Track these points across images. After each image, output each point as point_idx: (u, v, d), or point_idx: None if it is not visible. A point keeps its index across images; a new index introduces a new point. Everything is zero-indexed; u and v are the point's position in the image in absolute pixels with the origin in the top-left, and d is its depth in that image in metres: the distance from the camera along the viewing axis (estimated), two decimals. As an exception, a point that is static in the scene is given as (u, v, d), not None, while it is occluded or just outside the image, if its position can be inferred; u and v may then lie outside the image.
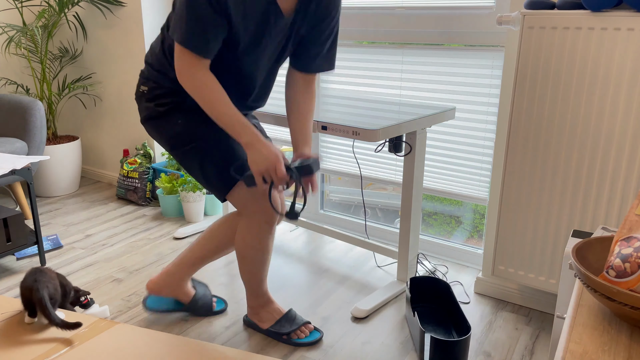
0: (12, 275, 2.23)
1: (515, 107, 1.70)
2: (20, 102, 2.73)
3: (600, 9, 1.50)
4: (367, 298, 2.00)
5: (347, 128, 1.74)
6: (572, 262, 0.85)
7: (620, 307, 0.78)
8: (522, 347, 1.77)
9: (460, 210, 2.41)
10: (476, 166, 2.20)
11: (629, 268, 0.81)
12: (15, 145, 2.59)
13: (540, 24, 1.60)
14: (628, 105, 1.53)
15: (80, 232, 2.67)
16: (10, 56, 3.25)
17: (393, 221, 2.61)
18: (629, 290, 0.76)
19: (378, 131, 1.68)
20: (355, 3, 2.33)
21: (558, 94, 1.62)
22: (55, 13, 3.03)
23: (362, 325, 1.89)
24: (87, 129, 3.44)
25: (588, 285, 0.81)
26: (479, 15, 2.05)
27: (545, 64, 1.62)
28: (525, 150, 1.72)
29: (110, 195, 3.20)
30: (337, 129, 1.77)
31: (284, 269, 2.30)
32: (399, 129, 1.77)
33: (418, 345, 1.68)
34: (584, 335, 0.79)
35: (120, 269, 2.29)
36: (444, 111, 1.96)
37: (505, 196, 1.79)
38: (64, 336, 1.59)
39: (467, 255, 2.33)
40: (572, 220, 1.69)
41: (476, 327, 1.88)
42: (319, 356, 1.72)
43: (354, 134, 1.72)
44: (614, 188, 1.60)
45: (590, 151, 1.61)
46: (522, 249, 1.80)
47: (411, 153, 1.95)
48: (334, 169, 2.64)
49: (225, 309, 1.97)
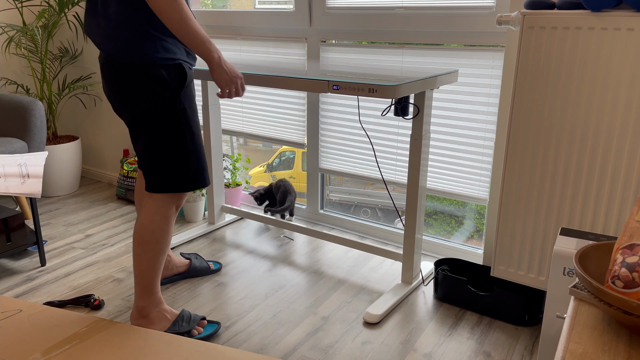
0: (12, 275, 2.23)
1: (515, 107, 1.70)
2: (20, 102, 2.73)
3: (600, 9, 1.50)
4: (378, 302, 2.00)
5: (362, 86, 1.65)
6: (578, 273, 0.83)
7: (637, 320, 0.76)
8: (522, 347, 1.77)
9: (461, 210, 2.41)
10: (476, 166, 2.20)
11: (637, 278, 0.78)
12: (15, 145, 2.59)
13: (540, 24, 1.60)
14: (628, 105, 1.53)
15: (80, 232, 2.67)
16: (10, 56, 3.25)
17: (393, 221, 2.61)
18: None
19: (397, 87, 1.60)
20: (355, 3, 2.33)
21: (558, 94, 1.62)
22: (55, 13, 3.03)
23: (362, 325, 1.89)
24: (87, 129, 3.44)
25: (597, 297, 0.79)
26: (479, 15, 2.05)
27: (545, 64, 1.62)
28: (525, 150, 1.72)
29: (110, 195, 3.20)
30: (351, 87, 1.68)
31: (283, 269, 2.30)
32: (416, 85, 1.71)
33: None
34: (584, 335, 0.79)
35: (120, 269, 2.29)
36: (448, 73, 1.94)
37: (505, 196, 1.79)
38: (65, 336, 1.59)
39: (467, 255, 2.33)
40: (572, 220, 1.69)
41: (476, 326, 1.88)
42: (319, 356, 1.72)
43: (370, 91, 1.64)
44: (613, 188, 1.60)
45: (590, 151, 1.61)
46: (522, 248, 1.80)
47: (419, 115, 1.91)
48: (334, 169, 2.64)
49: (221, 269, 2.25)
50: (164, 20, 1.48)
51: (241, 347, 1.76)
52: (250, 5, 3.28)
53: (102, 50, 1.59)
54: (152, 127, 1.61)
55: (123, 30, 1.52)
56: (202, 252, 2.44)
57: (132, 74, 1.56)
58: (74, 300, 2.00)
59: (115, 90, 1.61)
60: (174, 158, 1.64)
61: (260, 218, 2.62)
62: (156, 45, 1.55)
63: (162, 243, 1.70)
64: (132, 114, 1.61)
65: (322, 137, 2.62)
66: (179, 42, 1.61)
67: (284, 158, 5.07)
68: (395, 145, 2.38)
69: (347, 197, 2.75)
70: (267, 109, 2.76)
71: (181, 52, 1.62)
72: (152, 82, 1.56)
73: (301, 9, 2.47)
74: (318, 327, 1.87)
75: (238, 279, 2.20)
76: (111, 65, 1.58)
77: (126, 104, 1.61)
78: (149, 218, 1.68)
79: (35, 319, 1.70)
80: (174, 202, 1.71)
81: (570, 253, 1.35)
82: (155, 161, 1.64)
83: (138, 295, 1.75)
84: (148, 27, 1.53)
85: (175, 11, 1.45)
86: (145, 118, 1.60)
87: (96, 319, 1.70)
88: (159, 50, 1.55)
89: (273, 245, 2.52)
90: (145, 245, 1.69)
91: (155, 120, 1.60)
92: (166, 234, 1.70)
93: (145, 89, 1.57)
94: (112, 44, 1.55)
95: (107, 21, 1.55)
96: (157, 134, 1.61)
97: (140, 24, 1.52)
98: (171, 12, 1.45)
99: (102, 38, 1.57)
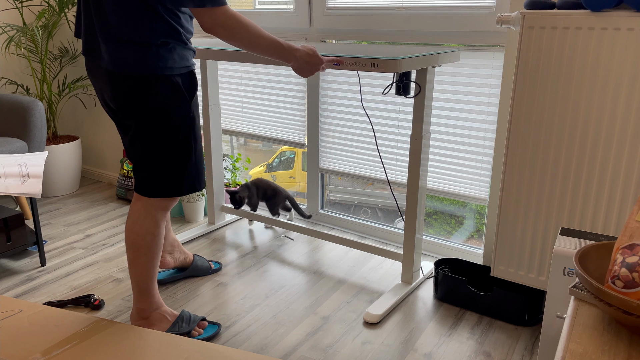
0: (12, 275, 2.23)
1: (515, 107, 1.70)
2: (20, 102, 2.73)
3: (600, 9, 1.50)
4: (378, 302, 2.00)
5: (364, 60, 1.62)
6: (578, 273, 0.83)
7: (637, 320, 0.75)
8: (522, 347, 1.77)
9: (461, 210, 2.41)
10: (476, 166, 2.20)
11: (637, 278, 0.78)
12: (15, 145, 2.59)
13: (540, 24, 1.60)
14: (628, 105, 1.53)
15: (80, 232, 2.67)
16: (10, 56, 3.25)
17: (393, 221, 2.61)
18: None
19: (399, 61, 1.56)
20: (355, 3, 2.33)
21: (558, 94, 1.62)
22: (55, 13, 3.03)
23: (361, 325, 1.89)
24: (87, 129, 3.44)
25: (597, 297, 0.79)
26: (479, 15, 2.05)
27: (545, 64, 1.62)
28: (525, 150, 1.72)
29: (110, 195, 3.20)
30: (352, 62, 1.65)
31: (283, 269, 2.30)
32: (418, 61, 1.68)
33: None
34: (584, 335, 0.79)
35: (120, 269, 2.29)
36: (450, 51, 1.92)
37: (505, 196, 1.79)
38: (65, 336, 1.59)
39: (467, 255, 2.33)
40: (572, 220, 1.69)
41: (476, 326, 1.88)
42: (319, 356, 1.72)
43: (372, 65, 1.61)
44: (613, 188, 1.60)
45: (590, 151, 1.61)
46: (522, 248, 1.80)
47: (420, 94, 1.89)
48: (334, 169, 2.64)
49: (221, 269, 2.27)
50: (236, 46, 1.52)
51: (241, 347, 1.76)
52: (250, 5, 3.28)
53: (109, 67, 1.52)
54: (158, 134, 1.58)
55: (133, 45, 1.48)
56: (202, 252, 2.44)
57: (147, 85, 1.51)
58: (74, 300, 2.00)
59: (123, 100, 1.55)
60: (175, 164, 1.62)
61: (260, 218, 2.62)
62: (173, 55, 1.53)
63: (154, 247, 1.69)
64: (140, 122, 1.57)
65: (322, 137, 2.62)
66: (187, 47, 1.58)
67: (284, 158, 5.07)
68: (396, 145, 2.39)
69: (347, 197, 2.75)
70: (267, 109, 2.76)
71: (191, 55, 1.61)
72: (167, 91, 1.54)
73: (301, 9, 2.47)
74: (318, 327, 1.87)
75: (238, 279, 2.21)
76: (120, 78, 1.52)
77: (134, 114, 1.56)
78: (139, 222, 1.66)
79: (35, 319, 1.70)
80: (165, 205, 1.69)
81: (570, 253, 1.35)
82: (156, 166, 1.61)
83: (136, 298, 1.75)
84: (161, 38, 1.49)
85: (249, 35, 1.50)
86: (153, 126, 1.56)
87: (96, 319, 1.70)
88: (175, 60, 1.53)
89: (273, 245, 2.52)
90: (137, 250, 1.68)
91: (163, 128, 1.57)
92: (157, 238, 1.69)
93: (158, 99, 1.53)
94: (122, 60, 1.49)
95: (109, 38, 1.49)
96: (163, 141, 1.58)
97: (152, 37, 1.48)
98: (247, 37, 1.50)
99: (109, 55, 1.50)
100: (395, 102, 2.32)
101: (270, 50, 1.56)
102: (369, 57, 1.64)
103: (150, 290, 1.74)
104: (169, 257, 2.10)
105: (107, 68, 1.52)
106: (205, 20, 1.46)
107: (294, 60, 1.60)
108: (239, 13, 1.50)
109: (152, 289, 1.74)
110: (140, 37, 1.47)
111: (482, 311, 1.95)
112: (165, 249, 2.08)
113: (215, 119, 2.57)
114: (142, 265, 1.69)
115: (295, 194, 2.77)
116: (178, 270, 2.18)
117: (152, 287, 1.74)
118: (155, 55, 1.49)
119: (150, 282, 1.73)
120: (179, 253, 2.14)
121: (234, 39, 1.50)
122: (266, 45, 1.54)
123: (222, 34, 1.48)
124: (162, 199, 1.66)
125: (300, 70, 1.63)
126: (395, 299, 2.01)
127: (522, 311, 1.86)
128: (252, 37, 1.51)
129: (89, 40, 1.56)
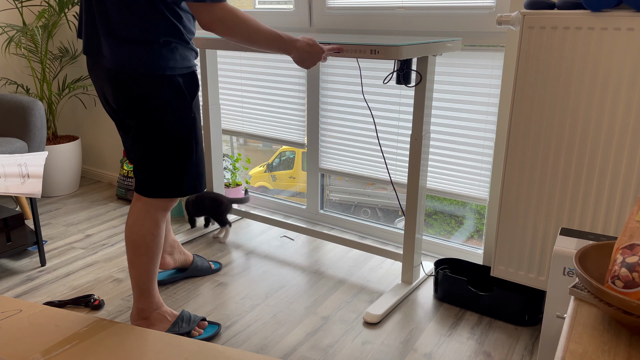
0: (12, 275, 2.23)
1: (515, 107, 1.70)
2: (20, 102, 2.73)
3: (600, 9, 1.50)
4: (378, 302, 2.00)
5: (364, 47, 1.60)
6: (578, 273, 0.83)
7: (637, 320, 0.75)
8: (522, 347, 1.77)
9: (461, 210, 2.41)
10: (476, 166, 2.20)
11: (637, 278, 0.78)
12: (15, 145, 2.59)
13: (540, 24, 1.60)
14: (628, 105, 1.53)
15: (80, 232, 2.67)
16: (10, 56, 3.25)
17: (393, 221, 2.61)
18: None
19: (400, 48, 1.55)
20: (355, 3, 2.33)
21: (558, 94, 1.62)
22: (55, 13, 3.03)
23: (362, 325, 1.89)
24: (87, 129, 3.44)
25: (597, 297, 0.78)
26: (479, 15, 2.05)
27: (545, 64, 1.62)
28: (525, 150, 1.72)
29: (110, 195, 3.20)
30: (353, 49, 1.63)
31: (283, 269, 2.30)
32: (419, 49, 1.68)
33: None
34: (584, 335, 0.79)
35: (120, 269, 2.29)
36: (452, 40, 1.92)
37: (505, 196, 1.79)
38: (65, 336, 1.59)
39: (467, 255, 2.33)
40: (572, 220, 1.69)
41: (476, 326, 1.88)
42: (318, 356, 1.72)
43: (373, 52, 1.61)
44: (613, 188, 1.60)
45: (590, 151, 1.61)
46: (522, 248, 1.80)
47: (421, 83, 1.88)
48: (334, 169, 2.64)
49: (221, 269, 2.26)
50: (236, 41, 1.51)
51: (241, 347, 1.76)
52: (250, 5, 3.28)
53: (110, 65, 1.52)
54: (159, 135, 1.57)
55: (135, 43, 1.47)
56: (202, 252, 2.44)
57: (148, 85, 1.51)
58: (74, 300, 2.00)
59: (123, 99, 1.55)
60: (176, 164, 1.62)
61: (260, 218, 2.62)
62: (175, 55, 1.52)
63: (154, 247, 1.69)
64: (141, 122, 1.56)
65: (322, 137, 2.62)
66: (189, 47, 1.58)
67: (284, 158, 5.07)
68: (395, 145, 2.39)
69: (347, 197, 2.75)
70: (267, 109, 2.76)
71: (193, 56, 1.60)
72: (168, 92, 1.53)
73: (301, 9, 2.47)
74: (318, 327, 1.87)
75: (238, 279, 2.21)
76: (121, 77, 1.51)
77: (135, 113, 1.55)
78: (139, 222, 1.66)
79: (35, 319, 1.70)
80: (165, 206, 1.69)
81: (570, 253, 1.35)
82: (157, 167, 1.61)
83: (136, 298, 1.75)
84: (164, 37, 1.48)
85: (248, 30, 1.49)
86: (154, 126, 1.56)
87: (96, 319, 1.70)
88: (177, 60, 1.53)
89: (273, 245, 2.52)
90: (137, 251, 1.68)
91: (164, 129, 1.57)
92: (157, 238, 1.69)
93: (160, 99, 1.53)
94: (124, 58, 1.49)
95: (111, 36, 1.48)
96: (163, 141, 1.58)
97: (154, 35, 1.47)
98: (247, 32, 1.49)
99: (111, 54, 1.50)
100: (396, 102, 2.32)
101: (270, 44, 1.55)
102: (370, 44, 1.63)
103: (150, 290, 1.74)
104: (169, 258, 2.10)
105: (109, 67, 1.52)
106: (204, 17, 1.45)
107: (294, 51, 1.60)
108: (236, 8, 1.49)
109: (152, 289, 1.74)
110: (143, 35, 1.47)
111: (482, 311, 1.95)
112: (165, 249, 2.09)
113: (215, 119, 2.57)
114: (142, 266, 1.69)
115: (295, 194, 2.77)
116: (178, 271, 2.18)
117: (152, 287, 1.74)
118: (157, 55, 1.49)
119: (150, 282, 1.73)
120: (179, 254, 2.14)
121: (233, 35, 1.49)
122: (266, 39, 1.54)
123: (221, 30, 1.47)
124: (162, 200, 1.66)
125: (301, 62, 1.63)
126: (395, 299, 2.01)
127: (522, 311, 1.86)
128: (251, 32, 1.51)
129: (91, 39, 1.56)
